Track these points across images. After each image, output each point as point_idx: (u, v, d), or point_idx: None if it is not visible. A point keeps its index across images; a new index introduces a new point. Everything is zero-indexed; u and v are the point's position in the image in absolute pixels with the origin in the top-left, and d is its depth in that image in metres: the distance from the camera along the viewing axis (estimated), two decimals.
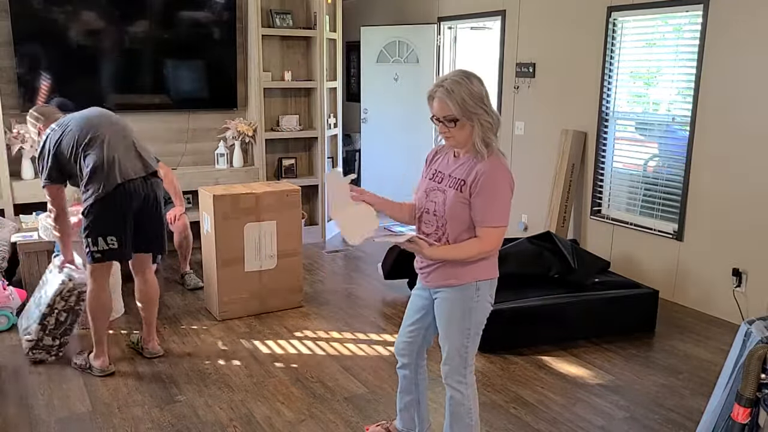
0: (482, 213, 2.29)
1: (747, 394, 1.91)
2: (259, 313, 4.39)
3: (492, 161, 2.28)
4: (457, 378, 2.48)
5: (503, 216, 2.30)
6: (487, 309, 2.45)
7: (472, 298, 2.38)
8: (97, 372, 3.49)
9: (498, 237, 2.32)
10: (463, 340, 2.43)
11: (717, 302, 4.49)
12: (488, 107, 2.28)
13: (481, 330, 2.46)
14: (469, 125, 2.27)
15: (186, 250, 4.97)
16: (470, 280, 2.36)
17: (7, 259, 4.39)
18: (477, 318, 2.42)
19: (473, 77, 2.28)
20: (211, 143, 5.98)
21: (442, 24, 6.80)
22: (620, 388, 3.47)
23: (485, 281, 2.39)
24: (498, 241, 2.33)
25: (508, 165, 2.34)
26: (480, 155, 2.28)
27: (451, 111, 2.24)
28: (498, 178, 2.27)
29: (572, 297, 4.08)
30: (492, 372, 3.62)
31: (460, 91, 2.22)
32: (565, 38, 5.40)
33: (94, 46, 5.34)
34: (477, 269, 2.36)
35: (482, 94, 2.27)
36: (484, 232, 2.30)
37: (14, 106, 5.15)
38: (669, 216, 4.80)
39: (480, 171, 2.27)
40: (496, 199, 2.28)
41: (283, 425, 3.06)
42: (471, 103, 2.23)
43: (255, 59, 5.81)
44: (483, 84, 2.31)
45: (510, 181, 2.31)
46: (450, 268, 2.37)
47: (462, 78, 2.26)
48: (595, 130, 5.24)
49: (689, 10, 4.50)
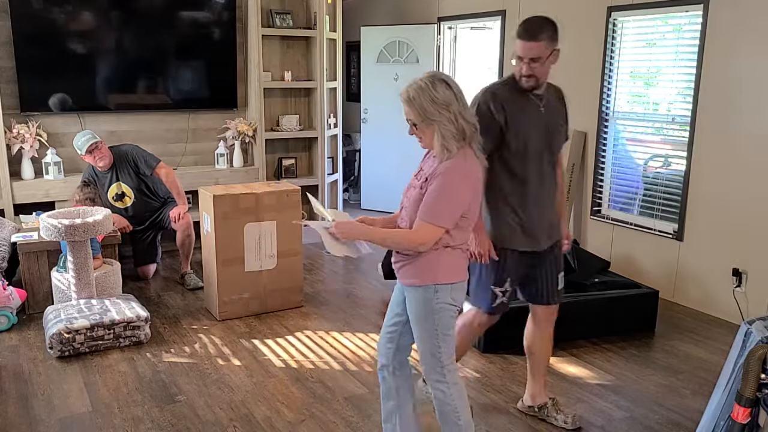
0: (423, 207, 2.30)
1: (747, 394, 1.91)
2: (259, 313, 4.39)
3: (452, 163, 2.27)
4: (435, 377, 2.46)
5: (442, 216, 2.27)
6: (449, 312, 2.39)
7: (431, 300, 2.37)
8: None
9: (429, 234, 2.28)
10: (434, 341, 2.41)
11: (717, 302, 4.49)
12: (455, 114, 2.24)
13: (450, 332, 2.42)
14: (430, 130, 2.28)
15: (188, 250, 4.97)
16: (429, 282, 2.35)
17: (7, 259, 4.39)
18: (441, 320, 2.39)
19: (439, 83, 2.25)
20: (211, 143, 5.99)
21: (442, 24, 6.80)
22: (620, 388, 3.47)
23: (444, 285, 2.35)
24: (428, 238, 2.28)
25: (473, 170, 2.30)
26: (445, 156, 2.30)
27: (413, 116, 2.28)
28: (450, 179, 2.26)
29: (572, 297, 4.08)
30: (492, 372, 3.62)
31: (420, 98, 2.24)
32: (565, 38, 5.38)
33: (94, 46, 5.34)
34: (435, 272, 2.35)
35: (448, 100, 2.24)
36: (418, 224, 2.30)
37: (14, 106, 5.15)
38: (669, 216, 4.80)
39: (438, 170, 2.28)
40: (440, 198, 2.27)
41: (283, 425, 3.06)
42: (431, 110, 2.24)
43: (255, 59, 5.81)
44: (452, 88, 2.26)
45: (465, 185, 2.28)
46: (412, 268, 2.38)
47: (427, 83, 2.25)
48: (595, 130, 5.24)
49: (689, 10, 4.50)
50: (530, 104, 2.80)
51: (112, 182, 4.87)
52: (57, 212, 4.07)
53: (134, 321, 3.84)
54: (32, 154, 5.15)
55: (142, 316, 3.88)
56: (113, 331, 3.79)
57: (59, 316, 3.79)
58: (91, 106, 5.46)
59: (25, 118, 5.20)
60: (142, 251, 5.10)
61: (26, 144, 5.08)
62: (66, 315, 3.79)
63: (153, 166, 4.85)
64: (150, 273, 5.15)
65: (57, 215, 3.99)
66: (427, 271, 2.35)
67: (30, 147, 5.10)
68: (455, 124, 2.25)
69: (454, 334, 2.45)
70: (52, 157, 5.19)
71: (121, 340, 3.84)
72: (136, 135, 5.58)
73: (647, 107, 5.01)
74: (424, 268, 2.35)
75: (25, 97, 5.16)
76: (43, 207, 4.96)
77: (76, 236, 3.83)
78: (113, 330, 3.79)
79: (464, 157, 2.29)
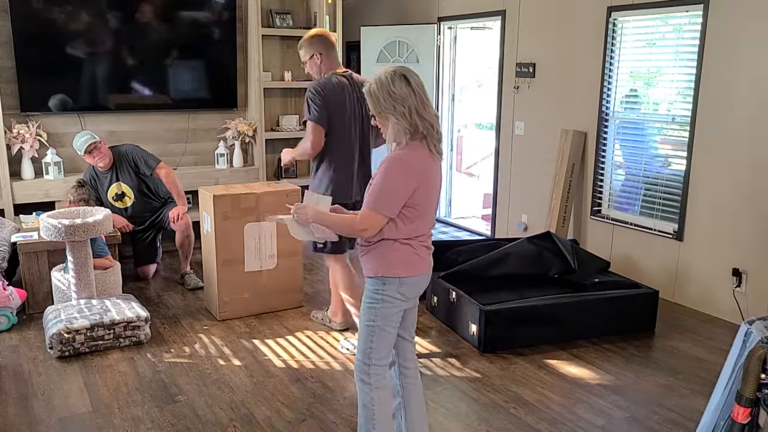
0: (367, 195, 2.38)
1: (747, 394, 1.91)
2: (259, 313, 4.39)
3: (396, 154, 2.35)
4: (359, 375, 2.48)
5: (382, 204, 2.32)
6: (392, 307, 2.43)
7: (377, 291, 2.42)
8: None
9: (369, 220, 2.33)
10: (369, 334, 2.44)
11: (717, 302, 4.49)
12: (410, 109, 2.30)
13: (388, 329, 2.44)
14: (386, 123, 2.37)
15: (188, 250, 4.97)
16: (378, 274, 2.41)
17: (7, 259, 4.39)
18: (381, 313, 2.42)
19: (399, 78, 2.32)
20: (211, 143, 5.99)
21: (442, 24, 6.80)
22: (620, 388, 3.47)
23: (392, 278, 2.40)
24: (369, 224, 2.33)
25: (417, 162, 2.33)
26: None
27: (371, 108, 2.38)
28: (390, 169, 2.33)
29: (572, 297, 4.09)
30: (492, 372, 3.63)
31: (378, 92, 2.33)
32: (565, 38, 5.40)
33: (94, 46, 5.34)
34: (384, 264, 2.40)
35: (404, 95, 2.30)
36: (362, 211, 2.37)
37: (14, 106, 5.15)
38: (669, 216, 4.80)
39: (383, 161, 2.36)
40: (380, 187, 2.33)
41: (283, 425, 3.06)
42: (385, 104, 2.32)
43: (255, 59, 5.81)
44: (411, 85, 2.31)
45: (403, 176, 2.31)
46: (367, 258, 2.44)
47: (387, 78, 2.33)
48: (595, 130, 5.24)
49: (689, 10, 4.50)
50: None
51: (112, 182, 4.87)
52: (57, 212, 4.07)
53: (134, 321, 3.84)
54: (32, 154, 5.15)
55: (142, 316, 3.88)
56: (113, 331, 3.79)
57: (59, 316, 3.79)
58: (91, 106, 5.46)
59: (25, 118, 5.20)
60: (142, 251, 5.10)
61: (26, 144, 5.08)
62: (66, 315, 3.79)
63: (153, 167, 4.85)
64: (150, 273, 5.15)
65: (57, 215, 3.99)
66: (378, 264, 2.41)
67: (30, 147, 5.10)
68: (408, 120, 2.32)
69: (393, 334, 2.47)
70: (52, 157, 5.19)
71: (121, 340, 3.84)
72: (136, 135, 5.58)
73: (647, 107, 5.02)
74: (376, 260, 2.41)
75: (25, 97, 5.16)
76: (43, 207, 4.96)
77: (76, 236, 3.83)
78: (113, 330, 3.79)
79: (411, 149, 2.35)
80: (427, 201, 2.40)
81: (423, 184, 2.36)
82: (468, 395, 3.36)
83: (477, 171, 8.38)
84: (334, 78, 3.69)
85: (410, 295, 2.47)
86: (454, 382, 3.50)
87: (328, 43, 3.77)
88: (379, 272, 2.41)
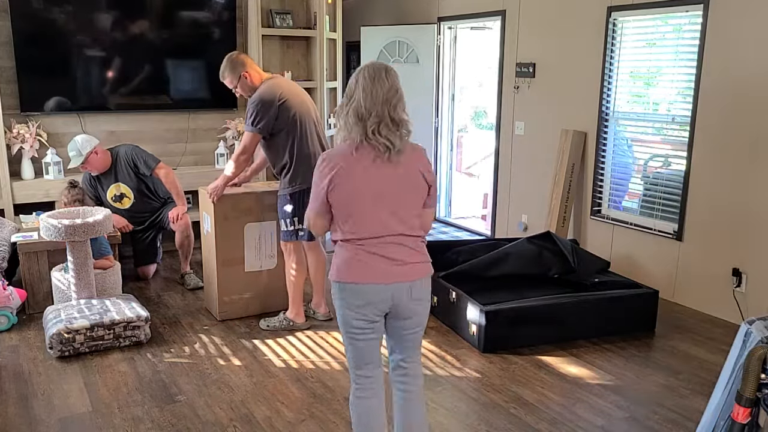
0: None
1: (747, 394, 1.91)
2: (260, 313, 4.39)
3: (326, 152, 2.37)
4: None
5: (312, 197, 2.35)
6: (345, 315, 2.33)
7: (333, 295, 2.38)
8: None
9: (308, 213, 2.38)
10: (344, 340, 2.41)
11: (717, 302, 4.49)
12: (347, 107, 2.26)
13: (348, 337, 2.36)
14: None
15: (187, 250, 4.97)
16: (331, 276, 2.37)
17: (7, 259, 4.39)
18: (340, 319, 2.37)
19: (357, 73, 2.29)
20: (211, 143, 5.99)
21: (442, 24, 6.80)
22: (620, 388, 3.47)
23: (335, 282, 2.33)
24: (308, 217, 2.38)
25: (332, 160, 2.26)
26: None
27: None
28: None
29: (572, 297, 4.09)
30: (492, 372, 3.63)
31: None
32: (565, 38, 5.40)
33: (94, 46, 5.34)
34: (333, 266, 2.35)
35: (350, 92, 2.28)
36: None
37: (14, 106, 5.15)
38: (669, 216, 4.80)
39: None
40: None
41: (283, 425, 3.06)
42: (343, 99, 2.32)
43: (255, 59, 5.80)
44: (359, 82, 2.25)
45: (319, 169, 2.29)
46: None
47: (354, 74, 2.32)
48: (595, 130, 5.24)
49: (689, 10, 4.50)
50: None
51: (111, 183, 4.87)
52: (57, 212, 4.07)
53: (134, 321, 3.84)
54: (32, 154, 5.15)
55: (142, 316, 3.88)
56: (113, 331, 3.80)
57: (59, 316, 3.79)
58: (90, 106, 5.46)
59: (25, 118, 5.20)
60: (142, 251, 5.10)
61: (26, 144, 5.08)
62: (66, 315, 3.79)
63: (152, 167, 4.85)
64: (150, 273, 5.15)
65: (57, 215, 3.99)
66: (331, 265, 2.38)
67: (30, 147, 5.10)
68: (339, 120, 2.31)
69: (360, 346, 2.36)
70: (52, 157, 5.19)
71: (121, 340, 3.84)
72: (136, 135, 5.58)
73: (647, 107, 5.02)
74: (332, 261, 2.39)
75: (25, 97, 5.16)
76: (43, 207, 4.96)
77: (76, 236, 3.83)
78: (113, 330, 3.79)
79: (338, 146, 2.33)
80: (349, 201, 2.24)
81: (342, 184, 2.23)
82: (468, 395, 3.36)
83: (477, 171, 8.38)
84: (271, 81, 3.88)
85: (356, 303, 2.28)
86: (454, 382, 3.50)
87: (246, 59, 3.95)
88: (331, 274, 2.36)
